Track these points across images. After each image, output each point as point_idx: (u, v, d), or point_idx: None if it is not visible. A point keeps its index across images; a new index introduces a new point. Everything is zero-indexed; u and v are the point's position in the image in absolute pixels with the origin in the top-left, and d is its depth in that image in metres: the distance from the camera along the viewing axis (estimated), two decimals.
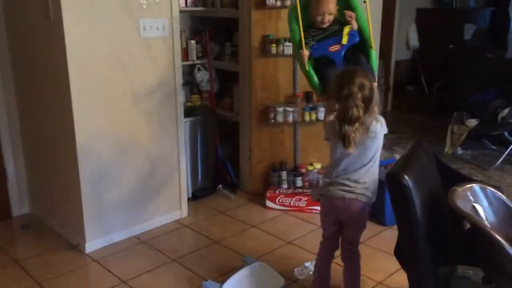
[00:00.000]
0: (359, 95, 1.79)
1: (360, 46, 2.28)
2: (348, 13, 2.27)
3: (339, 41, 2.24)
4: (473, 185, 1.44)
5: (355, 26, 2.26)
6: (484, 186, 1.45)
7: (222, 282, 2.29)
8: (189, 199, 3.35)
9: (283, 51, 3.23)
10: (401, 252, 1.81)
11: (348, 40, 2.21)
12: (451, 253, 1.51)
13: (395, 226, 2.92)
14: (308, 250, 2.78)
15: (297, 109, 3.35)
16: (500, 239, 1.17)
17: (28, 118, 3.06)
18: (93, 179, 2.69)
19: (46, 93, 2.79)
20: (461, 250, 1.51)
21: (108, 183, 2.77)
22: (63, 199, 2.87)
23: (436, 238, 1.35)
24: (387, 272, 2.52)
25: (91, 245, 2.75)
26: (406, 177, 1.28)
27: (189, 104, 3.57)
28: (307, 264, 2.56)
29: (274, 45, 3.22)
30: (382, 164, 3.40)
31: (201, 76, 3.70)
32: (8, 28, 2.95)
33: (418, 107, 6.09)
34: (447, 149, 4.37)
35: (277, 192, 3.36)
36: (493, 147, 4.55)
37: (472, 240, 1.36)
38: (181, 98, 3.05)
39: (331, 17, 2.28)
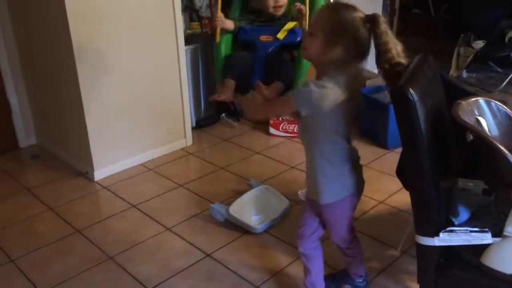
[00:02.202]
0: None
1: (296, 47, 1.97)
2: (299, 7, 1.97)
3: (274, 34, 1.97)
4: (478, 98, 1.43)
5: (303, 25, 1.96)
6: (489, 99, 1.44)
7: (229, 204, 2.36)
8: (193, 128, 3.37)
9: None
10: (402, 171, 1.83)
11: (286, 37, 1.93)
12: (453, 166, 1.53)
13: (397, 150, 2.96)
14: None
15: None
16: (502, 147, 1.19)
17: (28, 48, 3.01)
18: (97, 107, 2.69)
19: (43, 21, 2.72)
20: (463, 163, 1.54)
21: (112, 111, 2.78)
22: (69, 129, 2.90)
23: (439, 152, 1.37)
24: (389, 192, 2.59)
25: (100, 173, 2.81)
26: (411, 90, 1.27)
27: (189, 31, 3.48)
28: None
29: None
30: (385, 89, 3.39)
31: (200, 1, 3.57)
32: None
33: (424, 30, 5.92)
34: (453, 72, 4.31)
35: (280, 119, 3.37)
36: (499, 69, 4.48)
37: (473, 153, 1.38)
38: (180, 24, 2.96)
39: (284, 5, 2.00)
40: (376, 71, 4.63)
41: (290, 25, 1.90)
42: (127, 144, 2.91)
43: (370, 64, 4.74)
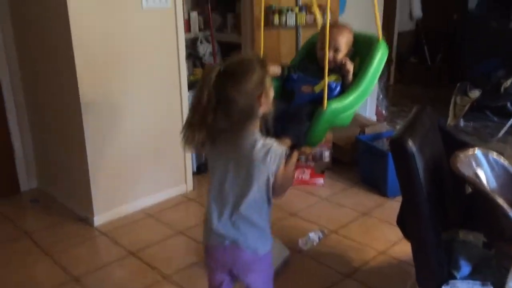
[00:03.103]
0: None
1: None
2: (346, 62, 1.88)
3: (313, 85, 1.83)
4: (476, 150, 1.46)
5: (347, 79, 1.85)
6: (486, 151, 1.47)
7: None
8: (194, 173, 3.38)
9: (286, 22, 3.20)
10: (403, 221, 1.84)
11: (321, 92, 1.75)
12: (453, 218, 1.54)
13: (397, 198, 2.96)
14: (312, 221, 2.82)
15: None
16: (501, 202, 1.20)
17: (34, 93, 3.07)
18: (99, 153, 2.71)
19: (50, 66, 2.79)
20: (462, 215, 1.55)
21: (114, 157, 2.80)
22: (70, 174, 2.91)
23: (438, 203, 1.38)
24: (390, 242, 2.56)
25: (99, 219, 2.80)
26: (410, 142, 1.30)
27: (192, 77, 3.56)
28: (311, 235, 2.60)
29: (277, 15, 3.20)
30: (384, 136, 3.44)
31: (204, 49, 3.68)
32: (11, 3, 2.93)
33: (421, 79, 6.05)
34: (450, 120, 4.37)
35: None
36: (496, 119, 4.55)
37: (473, 205, 1.39)
38: (184, 71, 3.04)
39: (338, 56, 1.87)
40: (374, 118, 4.71)
41: (330, 78, 1.78)
42: (127, 190, 2.92)
43: (368, 112, 4.84)
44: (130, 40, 2.71)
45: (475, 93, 4.34)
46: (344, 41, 1.91)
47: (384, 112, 4.79)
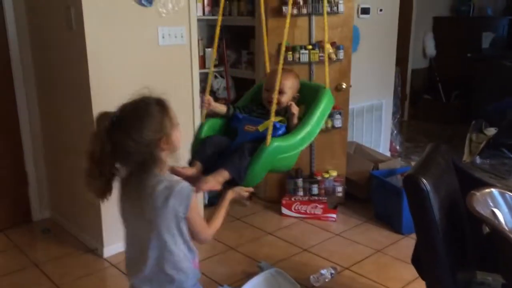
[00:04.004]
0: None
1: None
2: (291, 104, 1.87)
3: (258, 124, 1.83)
4: (492, 189, 1.43)
5: (292, 122, 1.85)
6: (503, 191, 1.43)
7: (238, 287, 2.29)
8: (205, 206, 3.37)
9: (299, 58, 3.25)
10: (418, 260, 1.79)
11: (265, 131, 1.73)
12: (470, 258, 1.49)
13: (412, 235, 2.90)
14: (324, 258, 2.77)
15: None
16: None
17: (49, 123, 3.13)
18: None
19: (67, 99, 2.85)
20: (480, 256, 1.50)
21: None
22: (81, 205, 2.92)
23: (454, 243, 1.35)
24: (405, 281, 2.50)
25: (109, 250, 2.78)
26: (424, 180, 1.28)
27: (205, 111, 3.60)
28: (323, 271, 2.55)
29: (290, 52, 3.25)
30: (399, 172, 3.40)
31: (218, 83, 3.74)
32: (32, 38, 3.03)
33: (435, 115, 6.03)
34: (465, 157, 4.32)
35: (292, 199, 3.36)
36: None
37: (491, 245, 1.35)
38: (197, 105, 3.08)
39: (282, 98, 1.88)
40: (388, 153, 4.68)
41: (276, 119, 1.76)
42: None
43: (382, 147, 4.83)
44: (146, 75, 2.77)
45: (490, 131, 4.31)
46: (289, 85, 1.91)
47: (398, 147, 4.76)
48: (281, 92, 1.86)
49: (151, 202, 1.30)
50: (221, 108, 1.98)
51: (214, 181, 1.64)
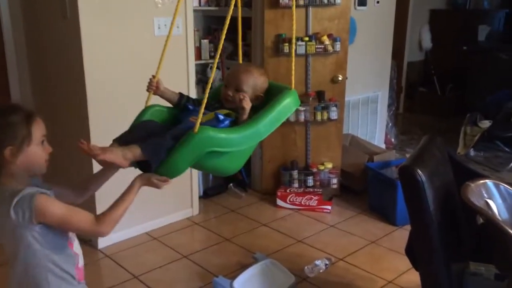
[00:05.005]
0: None
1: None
2: (244, 98, 1.59)
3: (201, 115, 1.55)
4: (487, 181, 1.44)
5: (242, 117, 1.58)
6: (497, 182, 1.44)
7: (233, 278, 2.30)
8: (200, 198, 3.37)
9: (295, 50, 3.24)
10: (412, 250, 1.80)
11: (207, 122, 1.50)
12: (464, 249, 1.50)
13: (406, 226, 2.92)
14: (318, 249, 2.78)
15: (309, 108, 3.35)
16: None
17: (44, 113, 3.06)
18: None
19: (62, 89, 2.83)
20: (473, 246, 1.51)
21: (121, 180, 2.79)
22: None
23: (448, 233, 1.36)
24: (398, 272, 2.52)
25: (103, 241, 2.78)
26: (419, 171, 1.29)
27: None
28: (317, 262, 2.57)
29: (286, 44, 3.24)
30: (393, 164, 3.41)
31: (214, 75, 3.72)
32: (26, 26, 3.00)
33: (431, 108, 6.05)
34: (460, 150, 4.34)
35: (288, 191, 3.37)
36: (506, 149, 4.51)
37: (484, 236, 1.36)
38: (194, 96, 3.07)
39: (237, 97, 1.59)
40: (383, 146, 4.70)
41: (221, 111, 1.59)
42: (132, 213, 2.87)
43: (377, 139, 4.84)
44: (141, 65, 2.75)
45: (485, 123, 4.33)
46: (249, 83, 1.64)
47: (393, 140, 4.77)
48: (239, 89, 1.63)
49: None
50: (172, 95, 1.77)
51: (119, 154, 1.41)
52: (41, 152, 1.32)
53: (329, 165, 3.46)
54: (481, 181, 1.44)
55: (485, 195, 1.42)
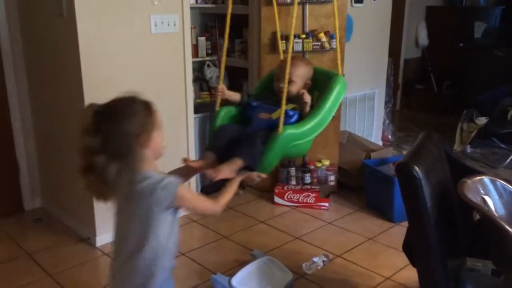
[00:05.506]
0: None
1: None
2: (304, 94, 1.91)
3: (272, 112, 1.86)
4: (483, 177, 1.44)
5: (305, 110, 1.90)
6: (494, 178, 1.45)
7: (231, 276, 2.30)
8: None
9: (292, 47, 3.23)
10: (409, 247, 1.81)
11: (278, 118, 1.77)
12: (460, 245, 1.51)
13: (403, 223, 2.93)
14: (316, 246, 2.79)
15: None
16: (510, 229, 1.18)
17: (41, 113, 3.10)
18: None
19: (58, 88, 2.82)
20: (470, 242, 1.52)
21: None
22: (74, 194, 2.91)
23: (445, 230, 1.36)
24: (395, 268, 2.53)
25: (102, 239, 2.78)
26: (416, 168, 1.29)
27: (198, 100, 3.59)
28: (315, 259, 2.58)
29: (283, 41, 3.23)
30: (391, 161, 3.42)
31: (211, 72, 3.72)
32: (22, 24, 2.99)
33: (427, 105, 6.07)
34: (456, 146, 4.35)
35: (285, 188, 3.37)
36: (503, 145, 4.52)
37: (481, 232, 1.36)
38: (191, 94, 3.07)
39: (292, 88, 1.92)
40: (380, 143, 4.70)
41: (288, 106, 1.80)
42: None
43: (374, 136, 4.85)
44: (138, 63, 2.75)
45: (481, 120, 4.34)
46: (299, 74, 1.95)
47: (390, 137, 4.78)
48: (290, 81, 1.88)
49: (137, 196, 1.34)
50: (235, 96, 2.04)
51: (228, 170, 1.68)
52: (162, 137, 1.42)
53: (327, 162, 3.46)
54: (478, 178, 1.45)
55: (481, 191, 1.43)
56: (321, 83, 2.03)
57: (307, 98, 1.90)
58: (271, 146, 1.73)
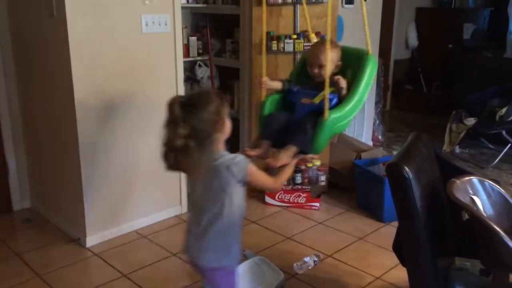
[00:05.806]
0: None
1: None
2: (339, 80, 2.03)
3: (313, 97, 2.01)
4: (472, 177, 1.46)
5: (342, 93, 2.03)
6: (482, 179, 1.47)
7: None
8: (188, 194, 3.36)
9: (283, 48, 3.25)
10: (399, 247, 1.83)
11: (321, 102, 1.95)
12: (450, 245, 1.53)
13: (393, 223, 2.95)
14: (307, 246, 2.80)
15: None
16: (498, 229, 1.20)
17: (30, 113, 3.07)
18: (94, 174, 2.70)
19: (48, 89, 2.80)
20: (459, 242, 1.54)
21: (108, 178, 2.78)
22: (63, 194, 2.89)
23: (435, 230, 1.38)
24: (385, 268, 2.54)
25: (92, 239, 2.76)
26: (406, 168, 1.31)
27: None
28: (306, 259, 2.59)
29: (275, 42, 3.24)
30: (381, 161, 3.44)
31: (202, 72, 3.72)
32: (11, 24, 2.96)
33: (417, 106, 6.12)
34: (445, 147, 4.40)
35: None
36: (491, 146, 4.58)
37: (470, 232, 1.38)
38: (182, 93, 3.06)
39: (323, 72, 2.02)
40: (370, 143, 4.72)
41: (327, 90, 1.95)
42: (121, 211, 2.89)
43: (365, 137, 4.87)
44: (128, 63, 2.74)
45: (470, 121, 4.39)
46: (328, 58, 2.03)
47: (380, 137, 4.81)
48: (321, 66, 2.03)
49: (214, 171, 1.56)
50: (277, 84, 2.16)
51: (286, 157, 1.91)
52: (230, 125, 1.64)
53: (317, 163, 3.47)
54: (467, 178, 1.47)
55: (470, 191, 1.44)
56: (351, 61, 2.15)
57: (343, 83, 2.02)
58: (320, 131, 1.92)
